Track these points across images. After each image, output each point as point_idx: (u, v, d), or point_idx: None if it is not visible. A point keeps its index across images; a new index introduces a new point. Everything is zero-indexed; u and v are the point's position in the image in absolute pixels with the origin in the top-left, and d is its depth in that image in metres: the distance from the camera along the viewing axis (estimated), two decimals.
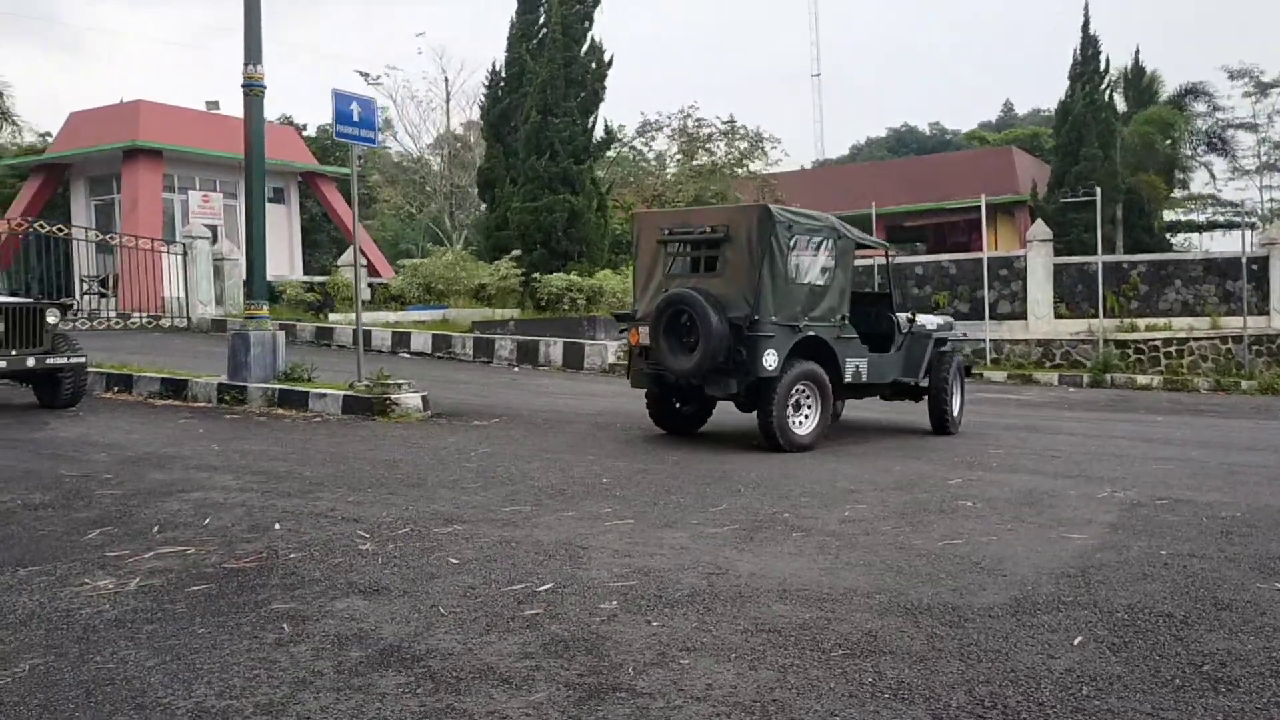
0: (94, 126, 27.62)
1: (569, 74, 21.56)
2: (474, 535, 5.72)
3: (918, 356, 9.97)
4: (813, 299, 8.90)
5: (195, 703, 3.52)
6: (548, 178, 20.91)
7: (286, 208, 30.46)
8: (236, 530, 5.83)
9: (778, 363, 8.46)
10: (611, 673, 3.78)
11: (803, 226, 8.86)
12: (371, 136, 10.74)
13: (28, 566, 5.13)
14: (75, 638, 4.15)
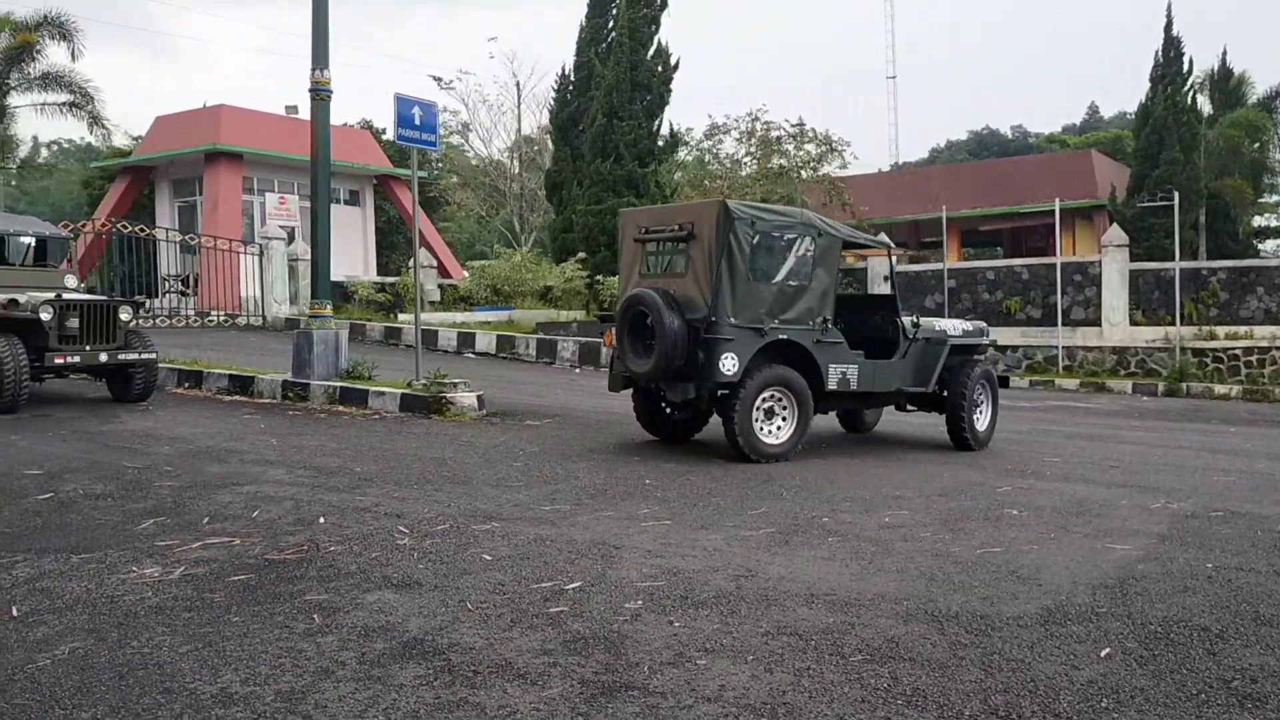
0: (178, 130, 28.49)
1: (635, 78, 21.66)
2: (510, 533, 5.79)
3: (927, 364, 9.20)
4: (783, 300, 8.32)
5: (220, 688, 3.64)
6: (612, 180, 21.03)
7: (361, 210, 31.07)
8: (282, 523, 5.98)
9: (737, 367, 8.02)
10: (627, 671, 3.81)
11: (769, 224, 8.34)
12: (432, 140, 10.91)
13: (81, 553, 5.34)
14: (116, 623, 4.31)
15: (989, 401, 9.47)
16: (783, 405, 8.35)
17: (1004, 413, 13.89)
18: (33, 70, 30.27)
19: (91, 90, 30.71)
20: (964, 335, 9.61)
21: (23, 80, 30.42)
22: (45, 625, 4.28)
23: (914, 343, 9.11)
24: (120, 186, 29.43)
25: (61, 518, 6.11)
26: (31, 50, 29.74)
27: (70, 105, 31.00)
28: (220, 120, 27.49)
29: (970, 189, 34.09)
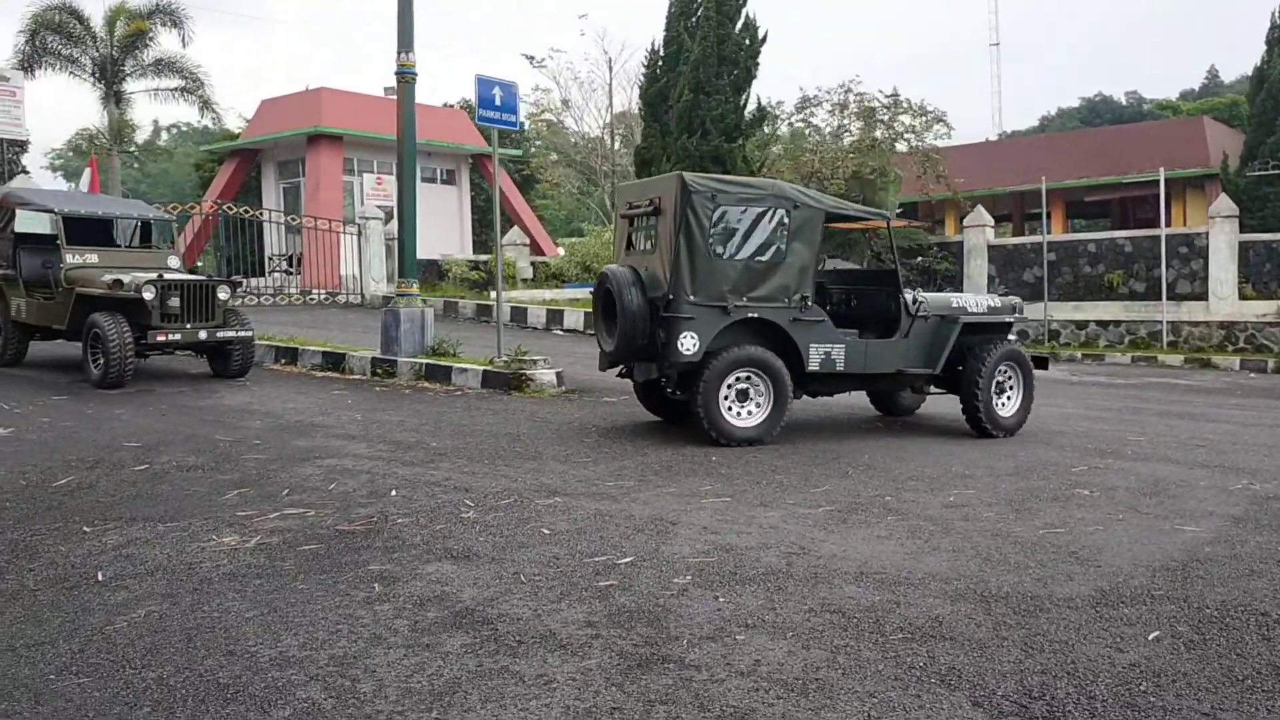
0: (282, 113, 29.36)
1: (721, 52, 21.53)
2: (572, 508, 5.93)
3: (935, 344, 8.52)
4: (753, 277, 7.93)
5: (279, 652, 3.85)
6: (698, 156, 20.96)
7: (458, 189, 31.59)
8: (357, 495, 6.23)
9: (697, 346, 7.77)
10: (665, 644, 3.90)
11: (733, 197, 7.98)
12: (513, 120, 11.08)
13: (167, 522, 5.65)
14: (190, 589, 4.57)
15: (1020, 385, 8.72)
16: (757, 387, 7.96)
17: (1096, 390, 13.56)
18: (146, 57, 31.54)
19: (201, 75, 31.90)
20: (984, 313, 8.88)
21: (137, 67, 31.71)
22: (126, 589, 4.56)
23: (918, 320, 8.48)
24: (229, 169, 30.48)
25: (154, 488, 6.46)
26: (145, 38, 30.97)
27: (182, 90, 32.24)
28: (321, 103, 28.22)
29: (1075, 158, 32.99)
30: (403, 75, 11.53)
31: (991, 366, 8.46)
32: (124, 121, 33.91)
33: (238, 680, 3.60)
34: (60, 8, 29.83)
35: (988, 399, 8.46)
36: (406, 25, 11.54)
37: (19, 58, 29.06)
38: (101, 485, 6.52)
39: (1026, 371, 8.73)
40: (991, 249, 23.04)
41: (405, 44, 11.50)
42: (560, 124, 38.26)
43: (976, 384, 8.42)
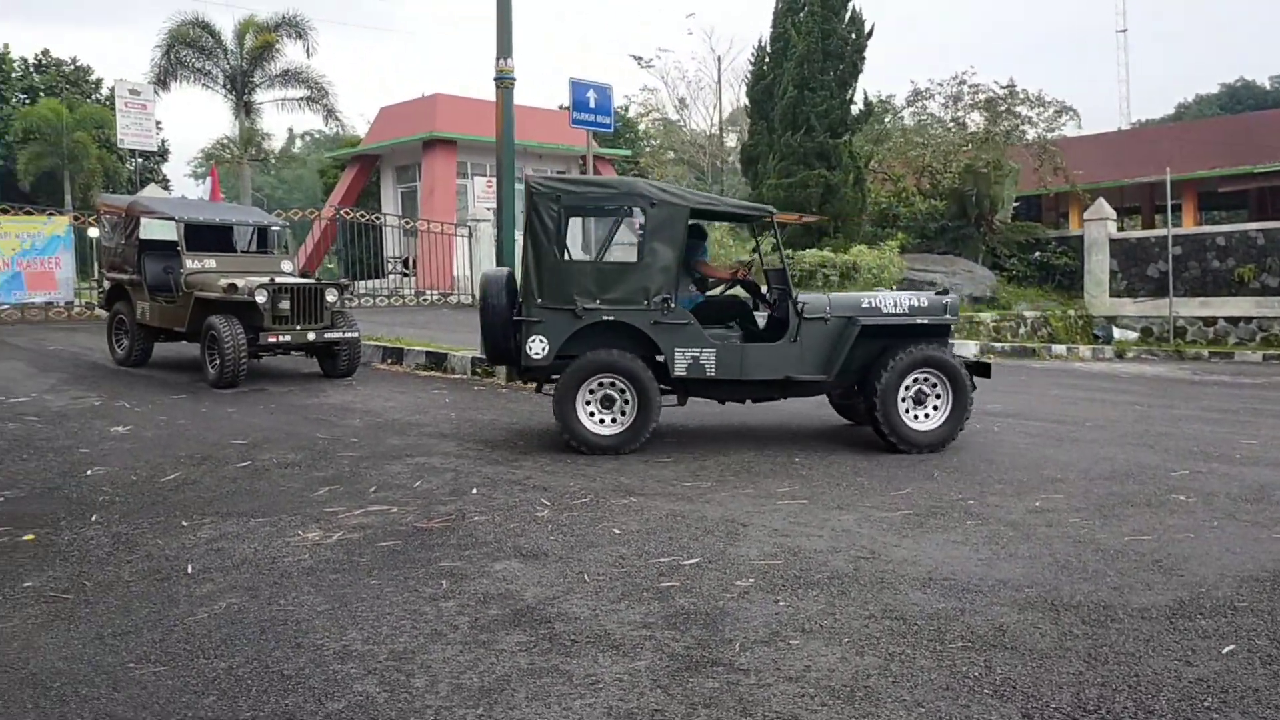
0: (399, 120, 30.19)
1: (827, 47, 21.27)
2: (645, 508, 5.96)
3: (824, 347, 7.71)
4: (606, 279, 7.59)
5: (343, 646, 3.99)
6: (803, 153, 20.77)
7: None
8: (439, 493, 6.39)
9: (547, 350, 7.60)
10: (717, 647, 3.90)
11: (580, 197, 7.75)
12: (607, 122, 11.18)
13: (259, 517, 5.90)
14: (271, 582, 4.77)
15: (946, 395, 7.68)
16: (622, 394, 7.63)
17: (1216, 390, 12.94)
18: (273, 68, 32.91)
19: (325, 84, 33.16)
20: (895, 314, 7.84)
21: (265, 78, 33.10)
22: (211, 582, 4.79)
23: (810, 323, 7.70)
24: (350, 174, 31.49)
25: (252, 484, 6.75)
26: (272, 50, 32.31)
27: (307, 99, 33.55)
28: (436, 109, 28.91)
29: (1209, 147, 31.43)
30: (501, 81, 11.74)
31: (896, 374, 7.56)
32: (253, 130, 35.42)
33: (300, 672, 3.75)
34: (194, 22, 31.35)
35: (888, 409, 7.55)
36: (505, 32, 11.74)
37: (155, 72, 30.65)
38: (205, 481, 6.84)
39: (956, 381, 7.62)
40: (1113, 243, 22.20)
41: (504, 50, 11.70)
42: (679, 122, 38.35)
43: (876, 392, 7.59)
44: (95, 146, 38.47)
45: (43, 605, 4.54)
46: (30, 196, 33.73)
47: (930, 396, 7.66)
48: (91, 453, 7.74)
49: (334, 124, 35.31)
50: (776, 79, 22.36)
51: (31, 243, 17.97)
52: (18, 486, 6.78)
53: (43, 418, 9.16)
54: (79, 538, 5.58)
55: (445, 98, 29.61)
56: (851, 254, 19.19)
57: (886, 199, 25.06)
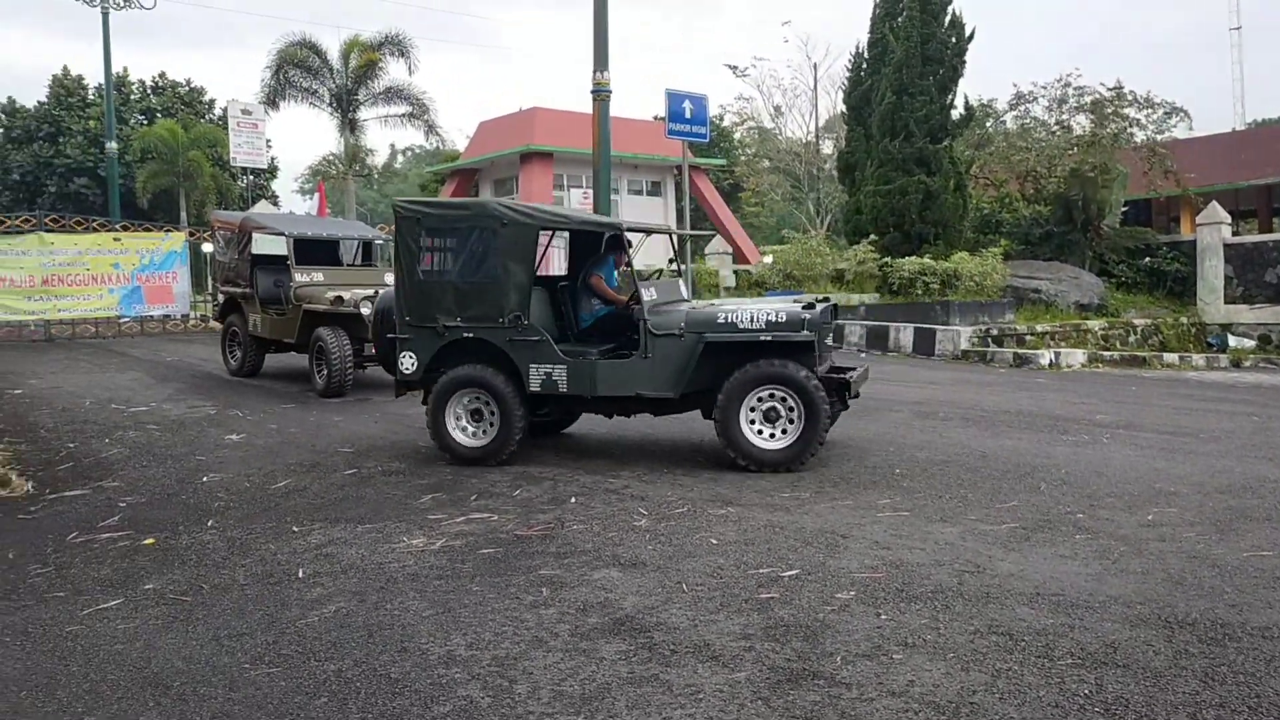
0: (497, 133, 30.76)
1: (926, 51, 20.93)
2: (743, 518, 5.94)
3: (676, 364, 7.44)
4: (464, 297, 7.75)
5: (447, 651, 4.06)
6: (901, 159, 20.47)
7: (663, 200, 32.13)
8: (538, 501, 6.47)
9: (415, 366, 7.90)
10: (819, 660, 3.87)
11: (437, 218, 7.96)
12: (702, 132, 11.19)
13: (365, 524, 6.05)
14: (377, 587, 4.89)
15: (801, 413, 7.21)
16: (489, 407, 7.76)
17: None
18: (377, 86, 33.71)
19: (426, 101, 33.78)
20: (744, 330, 7.39)
21: (369, 96, 33.95)
22: (321, 586, 4.93)
23: (663, 339, 7.46)
24: (450, 188, 32.19)
25: (358, 491, 6.93)
26: (375, 68, 33.12)
27: (409, 116, 34.25)
28: (534, 122, 29.37)
29: None
30: (598, 93, 11.88)
31: (734, 389, 7.24)
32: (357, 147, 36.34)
33: (406, 676, 3.83)
34: (301, 43, 32.32)
35: (728, 425, 7.28)
36: (602, 45, 11.88)
37: (265, 92, 31.68)
38: (314, 488, 7.05)
39: (808, 400, 7.16)
40: (1228, 248, 21.33)
41: (600, 63, 11.84)
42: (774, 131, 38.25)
43: (716, 410, 7.35)
44: (209, 165, 39.91)
45: (163, 607, 4.73)
46: (148, 214, 35.20)
47: (783, 414, 7.29)
48: (207, 460, 8.04)
49: (434, 139, 36.02)
50: (874, 85, 22.11)
51: (150, 258, 18.75)
52: (139, 492, 7.08)
53: (161, 426, 9.55)
54: (196, 542, 5.80)
55: (543, 111, 30.05)
56: (953, 261, 18.84)
57: (988, 205, 24.56)
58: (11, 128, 44.05)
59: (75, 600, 4.89)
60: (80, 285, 17.96)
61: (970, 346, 16.10)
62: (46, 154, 42.50)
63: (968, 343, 16.16)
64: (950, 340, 16.15)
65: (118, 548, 5.76)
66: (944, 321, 16.77)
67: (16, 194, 41.88)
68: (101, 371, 13.30)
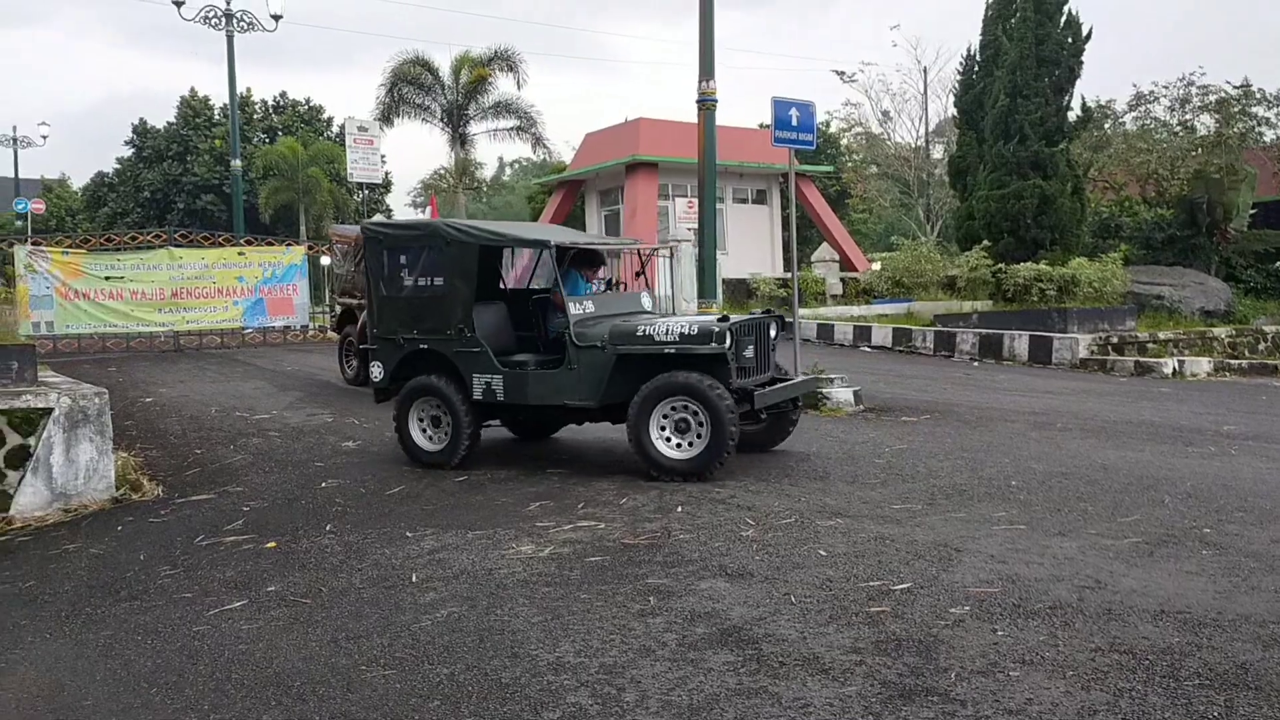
0: (603, 145, 30.99)
1: (1040, 52, 20.37)
2: (852, 530, 5.86)
3: (593, 375, 7.64)
4: (418, 311, 8.28)
5: (556, 657, 4.11)
6: (1015, 163, 19.95)
7: (768, 208, 31.93)
8: (644, 510, 6.48)
9: (382, 374, 8.52)
10: (932, 676, 3.79)
11: (395, 238, 8.59)
12: (809, 139, 11.06)
13: (475, 530, 6.16)
14: (488, 593, 4.96)
15: (707, 424, 7.21)
16: (445, 414, 8.15)
17: None
18: (486, 101, 34.40)
19: (534, 114, 34.35)
20: (655, 343, 7.49)
21: (479, 110, 34.66)
22: (434, 591, 5.03)
23: (584, 350, 7.65)
24: (556, 200, 32.56)
25: (469, 498, 7.06)
26: (485, 83, 33.80)
27: (517, 129, 34.87)
28: (639, 133, 29.51)
29: None
30: (703, 103, 11.89)
31: (645, 401, 7.34)
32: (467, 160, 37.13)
33: (517, 681, 3.88)
34: (414, 61, 33.19)
35: (637, 433, 7.38)
36: (707, 55, 11.89)
37: (380, 109, 32.62)
38: (426, 495, 7.21)
39: (713, 411, 7.16)
40: None
41: (706, 73, 11.85)
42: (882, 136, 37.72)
43: (628, 416, 7.44)
44: (326, 180, 41.28)
45: (284, 609, 4.90)
46: (270, 229, 36.52)
47: (693, 424, 7.32)
48: (325, 466, 8.30)
49: (541, 151, 36.59)
50: (986, 87, 21.63)
51: (272, 271, 19.44)
52: (261, 497, 7.34)
53: (282, 433, 9.88)
54: (315, 546, 5.99)
55: (647, 122, 30.18)
56: (1071, 267, 18.27)
57: (1107, 208, 23.77)
58: (143, 148, 46.29)
59: (202, 601, 5.09)
60: (207, 298, 18.72)
61: (1089, 355, 15.60)
62: (175, 172, 44.53)
63: (1086, 351, 15.65)
64: (1068, 348, 15.67)
65: (242, 550, 5.98)
66: (1061, 329, 16.27)
67: (148, 211, 43.95)
68: (226, 380, 13.84)
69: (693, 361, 7.38)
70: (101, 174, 48.92)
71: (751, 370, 7.66)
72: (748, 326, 7.69)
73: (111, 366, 15.44)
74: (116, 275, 17.77)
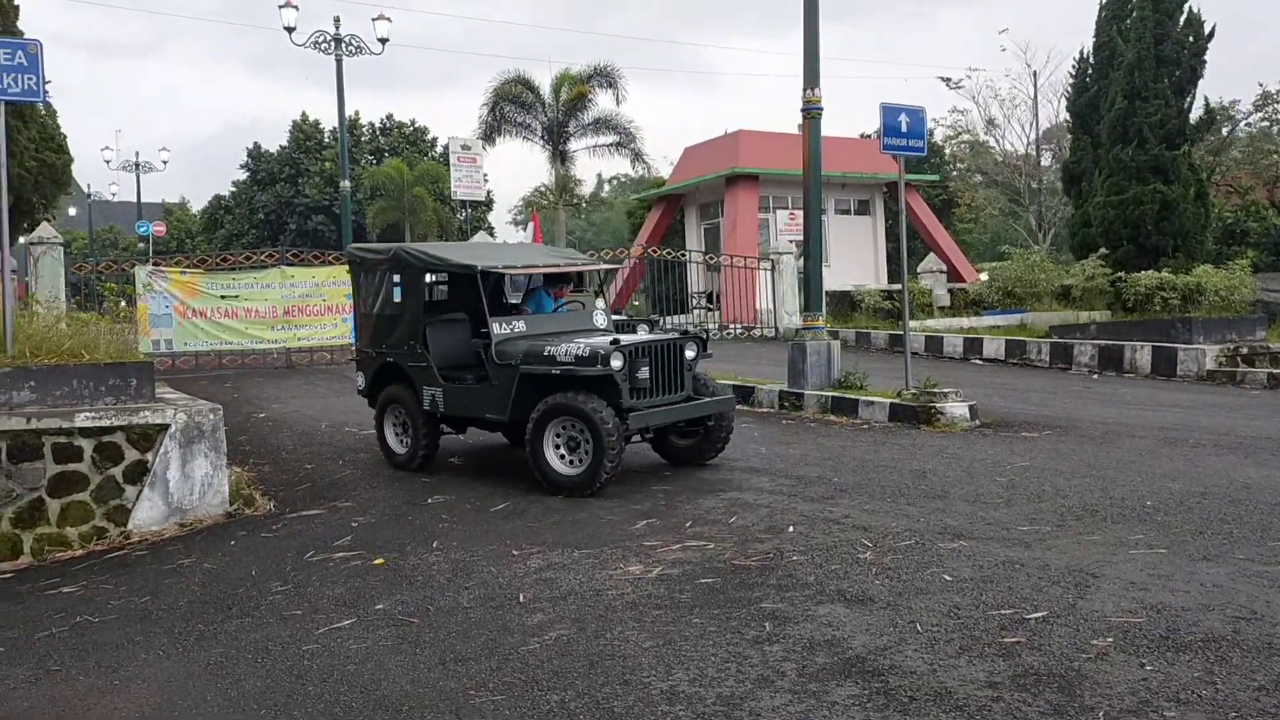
0: (702, 158, 30.84)
1: (1160, 53, 19.52)
2: (977, 553, 5.55)
3: (504, 391, 8.05)
4: (385, 328, 9.05)
5: (670, 685, 3.93)
6: (1134, 167, 19.14)
7: (872, 218, 31.34)
8: (755, 530, 6.27)
9: (364, 383, 9.39)
10: (1078, 715, 3.51)
11: (368, 262, 9.32)
12: (920, 146, 10.74)
13: (582, 549, 6.02)
14: (596, 615, 4.81)
15: (593, 442, 7.39)
16: (406, 420, 8.92)
17: None
18: (586, 117, 34.64)
19: (633, 130, 34.49)
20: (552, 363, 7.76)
21: (578, 127, 34.91)
22: (541, 612, 4.91)
23: (501, 367, 8.09)
24: (656, 214, 32.50)
25: (574, 515, 6.94)
26: (585, 100, 34.04)
27: (616, 145, 35.04)
28: (739, 145, 29.27)
29: None
30: (809, 111, 11.63)
31: (539, 418, 7.63)
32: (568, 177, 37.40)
33: (630, 710, 3.72)
34: (516, 80, 33.63)
35: (533, 449, 7.67)
36: (812, 63, 11.64)
37: (482, 128, 33.10)
38: (531, 511, 7.11)
39: (594, 430, 7.36)
40: None
41: (811, 80, 11.60)
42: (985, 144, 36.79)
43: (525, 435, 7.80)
44: (431, 199, 42.07)
45: (392, 628, 4.82)
46: None
47: (582, 442, 7.53)
48: (431, 482, 8.28)
49: (640, 166, 36.68)
50: (1102, 90, 20.85)
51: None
52: (369, 513, 7.35)
53: None
54: (423, 563, 5.93)
55: (747, 133, 29.94)
56: (1195, 275, 17.41)
57: (1232, 214, 22.66)
58: (257, 171, 47.89)
59: (311, 619, 5.06)
60: (317, 315, 19.10)
61: (1216, 366, 14.78)
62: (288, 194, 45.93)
63: (1214, 362, 14.85)
64: (1194, 360, 14.89)
65: (350, 567, 5.96)
66: (1186, 339, 15.48)
67: (262, 232, 45.41)
68: (336, 396, 14.04)
69: (585, 382, 7.66)
70: (219, 197, 50.80)
71: (649, 392, 7.80)
72: (645, 348, 7.84)
73: (227, 383, 15.84)
74: (232, 294, 18.25)
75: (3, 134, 7.98)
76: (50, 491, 7.07)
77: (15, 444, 7.00)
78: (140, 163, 42.68)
